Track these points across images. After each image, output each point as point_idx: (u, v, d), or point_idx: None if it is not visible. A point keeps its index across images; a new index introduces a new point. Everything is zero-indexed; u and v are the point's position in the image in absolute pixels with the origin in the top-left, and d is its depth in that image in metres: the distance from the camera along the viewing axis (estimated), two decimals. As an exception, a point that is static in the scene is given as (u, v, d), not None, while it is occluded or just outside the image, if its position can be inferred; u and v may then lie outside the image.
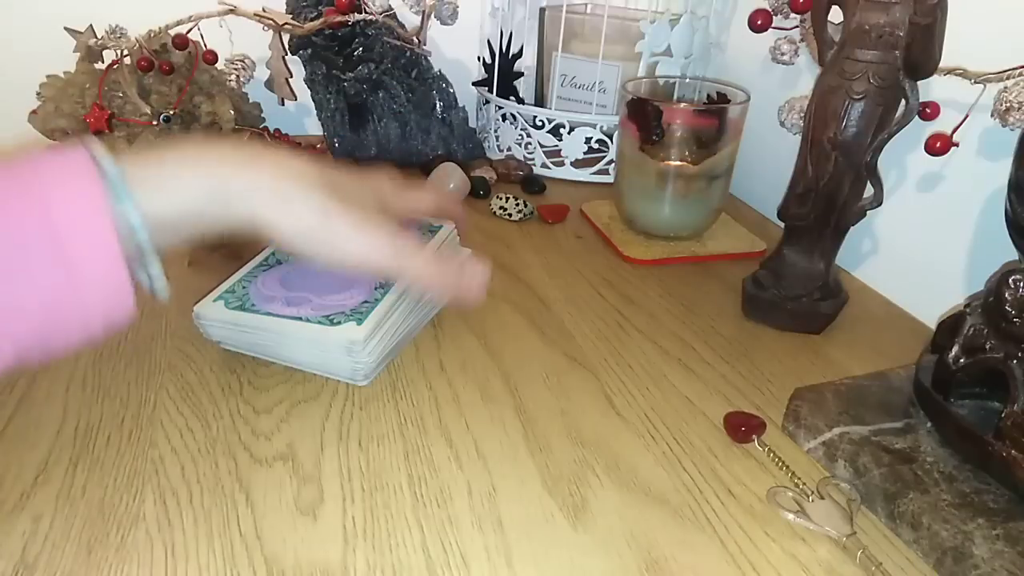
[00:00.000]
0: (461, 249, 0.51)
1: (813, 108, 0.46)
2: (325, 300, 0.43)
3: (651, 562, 0.32)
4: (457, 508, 0.34)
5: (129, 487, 0.34)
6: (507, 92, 0.80)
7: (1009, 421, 0.33)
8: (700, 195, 0.61)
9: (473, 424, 0.40)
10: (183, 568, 0.30)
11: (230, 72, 0.75)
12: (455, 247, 0.51)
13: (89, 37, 0.72)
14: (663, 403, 0.43)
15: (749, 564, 0.32)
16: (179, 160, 0.30)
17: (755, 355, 0.48)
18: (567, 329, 0.50)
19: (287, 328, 0.42)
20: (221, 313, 0.44)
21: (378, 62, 0.75)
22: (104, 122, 0.71)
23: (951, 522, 0.32)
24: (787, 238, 0.51)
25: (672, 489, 0.36)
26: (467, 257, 0.50)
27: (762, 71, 0.74)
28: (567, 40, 0.77)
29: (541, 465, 0.37)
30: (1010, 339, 0.35)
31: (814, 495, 0.36)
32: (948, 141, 0.49)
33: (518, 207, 0.67)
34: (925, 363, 0.39)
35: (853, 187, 0.47)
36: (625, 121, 0.61)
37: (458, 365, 0.45)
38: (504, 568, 0.31)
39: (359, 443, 0.38)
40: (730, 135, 0.59)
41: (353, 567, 0.31)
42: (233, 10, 0.71)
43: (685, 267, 0.60)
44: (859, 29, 0.43)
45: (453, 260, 0.38)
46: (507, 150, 0.81)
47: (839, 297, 0.51)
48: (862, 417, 0.39)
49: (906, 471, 0.35)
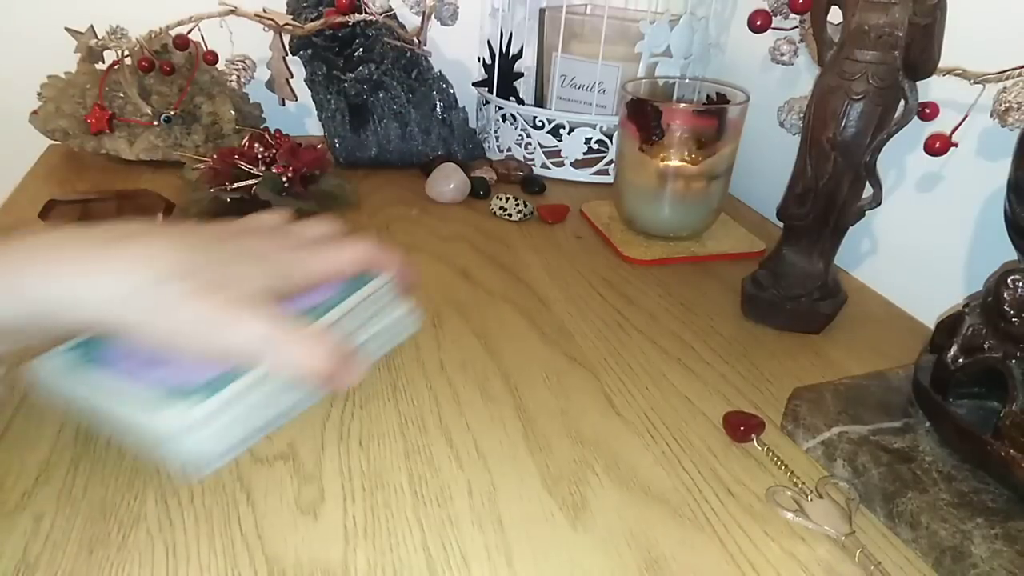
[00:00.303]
0: (398, 303, 0.44)
1: (812, 108, 0.46)
2: (183, 367, 0.35)
3: (651, 561, 0.32)
4: (457, 507, 0.34)
5: (130, 487, 0.34)
6: (507, 92, 0.80)
7: (1008, 421, 0.33)
8: (700, 195, 0.61)
9: (473, 424, 0.40)
10: (184, 567, 0.30)
11: (231, 72, 0.76)
12: (388, 301, 0.43)
13: (90, 38, 0.72)
14: (662, 403, 0.43)
15: (748, 563, 0.32)
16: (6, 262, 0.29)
17: (754, 355, 0.48)
18: (567, 329, 0.50)
19: (112, 395, 0.34)
20: (56, 365, 0.36)
21: (378, 62, 0.75)
22: (105, 122, 0.71)
23: (950, 521, 0.32)
24: (786, 238, 0.51)
25: (671, 488, 0.36)
26: (350, 344, 0.39)
27: (762, 71, 0.74)
28: (567, 40, 0.77)
29: (541, 464, 0.37)
30: (1009, 339, 0.35)
31: (813, 494, 0.36)
32: (947, 141, 0.50)
33: (518, 207, 0.67)
34: (924, 363, 0.39)
35: (852, 187, 0.47)
36: (625, 121, 0.61)
37: (458, 365, 0.45)
38: (504, 567, 0.31)
39: (359, 442, 0.38)
40: (730, 135, 0.59)
41: (354, 566, 0.31)
42: (234, 11, 0.71)
43: (685, 267, 0.60)
44: (858, 29, 0.43)
45: (333, 345, 0.34)
46: (507, 150, 0.81)
47: (838, 297, 0.51)
48: (861, 417, 0.39)
49: (905, 470, 0.35)
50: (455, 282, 0.55)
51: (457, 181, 0.70)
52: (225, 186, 0.62)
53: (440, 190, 0.70)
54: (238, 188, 0.62)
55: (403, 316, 0.45)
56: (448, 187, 0.70)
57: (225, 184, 0.62)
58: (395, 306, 0.44)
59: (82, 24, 0.73)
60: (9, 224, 0.60)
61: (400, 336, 0.46)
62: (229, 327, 0.32)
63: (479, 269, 0.57)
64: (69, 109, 0.72)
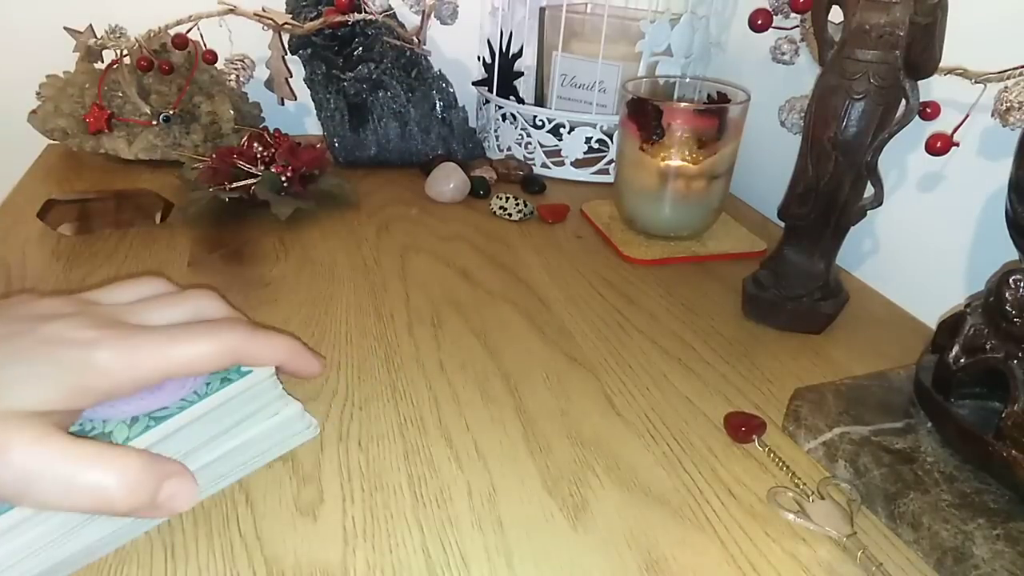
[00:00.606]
0: (275, 396, 0.34)
1: (813, 108, 0.46)
2: None
3: (651, 562, 0.32)
4: (457, 508, 0.34)
5: (129, 487, 0.34)
6: (507, 92, 0.80)
7: (1009, 421, 0.33)
8: (700, 195, 0.61)
9: (473, 424, 0.40)
10: (183, 569, 0.30)
11: (230, 72, 0.75)
12: (267, 401, 0.34)
13: (89, 37, 0.72)
14: (663, 403, 0.43)
15: (749, 564, 0.32)
16: None
17: (755, 355, 0.48)
18: (567, 329, 0.50)
19: None
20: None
21: (378, 62, 0.75)
22: (104, 122, 0.71)
23: (951, 522, 0.32)
24: (787, 238, 0.51)
25: (672, 489, 0.36)
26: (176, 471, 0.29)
27: (762, 71, 0.74)
28: (567, 40, 0.77)
29: (541, 465, 0.37)
30: (1010, 339, 0.35)
31: (814, 495, 0.36)
32: (948, 141, 0.49)
33: (518, 207, 0.67)
34: (925, 363, 0.39)
35: (853, 187, 0.47)
36: (625, 121, 0.61)
37: (458, 365, 0.45)
38: (504, 568, 0.31)
39: (359, 443, 0.38)
40: (730, 135, 0.59)
41: (353, 567, 0.31)
42: (233, 10, 0.71)
43: (685, 267, 0.60)
44: (859, 29, 0.43)
45: (144, 469, 0.27)
46: (507, 150, 0.81)
47: (839, 297, 0.51)
48: (862, 417, 0.39)
49: (906, 471, 0.35)
50: (455, 282, 0.55)
51: (457, 181, 0.70)
52: (224, 186, 0.61)
53: (440, 190, 0.70)
54: (237, 188, 0.61)
55: (290, 420, 0.35)
56: (448, 187, 0.70)
57: (224, 184, 0.62)
58: (276, 407, 0.34)
59: (81, 23, 0.73)
60: (8, 224, 0.60)
61: (283, 446, 0.36)
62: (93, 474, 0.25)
63: (479, 269, 0.57)
64: (68, 108, 0.72)
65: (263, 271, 0.55)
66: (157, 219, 0.61)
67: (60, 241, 0.58)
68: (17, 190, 0.68)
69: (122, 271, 0.54)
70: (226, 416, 0.32)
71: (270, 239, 0.60)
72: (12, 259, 0.54)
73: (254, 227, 0.62)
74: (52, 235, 0.58)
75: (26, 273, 0.53)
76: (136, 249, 0.57)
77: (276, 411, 0.34)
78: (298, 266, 0.56)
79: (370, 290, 0.53)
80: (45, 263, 0.54)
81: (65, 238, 0.58)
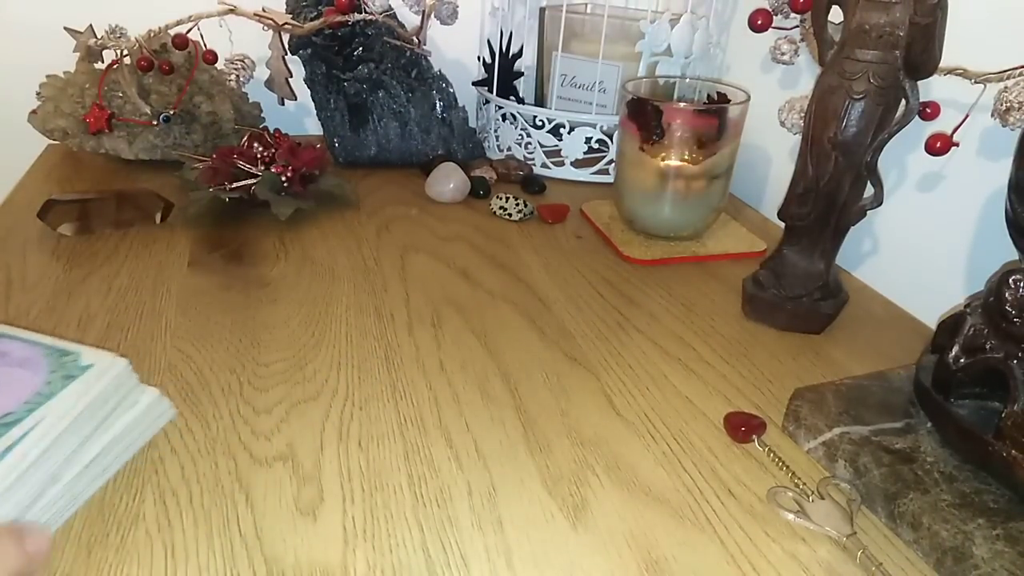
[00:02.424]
0: (133, 385, 0.35)
1: (813, 108, 0.46)
2: None
3: (651, 562, 0.32)
4: (457, 508, 0.34)
5: (129, 487, 0.34)
6: (507, 92, 0.80)
7: (1009, 421, 0.33)
8: (700, 195, 0.61)
9: (473, 424, 0.40)
10: (183, 568, 0.30)
11: (230, 72, 0.75)
12: (124, 387, 0.35)
13: (89, 37, 0.72)
14: (663, 403, 0.43)
15: (749, 564, 0.32)
16: None
17: (755, 355, 0.48)
18: (567, 329, 0.50)
19: None
20: None
21: (378, 62, 0.75)
22: (104, 122, 0.71)
23: (951, 522, 0.32)
24: (787, 238, 0.51)
25: (672, 489, 0.36)
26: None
27: (762, 71, 0.74)
28: (567, 40, 0.77)
29: (541, 465, 0.37)
30: (1010, 339, 0.35)
31: (814, 495, 0.36)
32: (948, 141, 0.49)
33: (518, 207, 0.67)
34: (925, 363, 0.39)
35: (853, 187, 0.47)
36: (625, 121, 0.61)
37: (458, 365, 0.45)
38: (504, 568, 0.31)
39: (359, 443, 0.38)
40: (730, 135, 0.59)
41: (353, 567, 0.31)
42: (233, 10, 0.71)
43: (685, 267, 0.60)
44: (859, 29, 0.43)
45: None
46: (507, 150, 0.81)
47: (839, 297, 0.51)
48: (862, 417, 0.39)
49: (906, 471, 0.35)
50: (455, 282, 0.55)
51: (457, 181, 0.70)
52: (224, 186, 0.61)
53: (440, 190, 0.70)
54: (237, 188, 0.62)
55: (151, 406, 0.36)
56: (448, 187, 0.70)
57: (224, 184, 0.62)
58: (136, 396, 0.36)
59: (81, 23, 0.73)
60: (8, 224, 0.60)
61: (151, 429, 0.37)
62: None
63: (479, 269, 0.57)
64: (68, 108, 0.72)
65: (263, 271, 0.55)
66: (157, 219, 0.62)
67: (60, 241, 0.58)
68: (17, 190, 0.68)
69: (122, 271, 0.54)
70: (97, 411, 0.33)
71: (270, 239, 0.60)
72: (12, 259, 0.54)
73: (254, 227, 0.62)
74: (52, 235, 0.58)
75: (26, 273, 0.53)
76: (136, 249, 0.57)
77: (137, 399, 0.36)
78: (298, 266, 0.56)
79: (370, 290, 0.53)
80: (45, 263, 0.54)
81: (65, 238, 0.58)
